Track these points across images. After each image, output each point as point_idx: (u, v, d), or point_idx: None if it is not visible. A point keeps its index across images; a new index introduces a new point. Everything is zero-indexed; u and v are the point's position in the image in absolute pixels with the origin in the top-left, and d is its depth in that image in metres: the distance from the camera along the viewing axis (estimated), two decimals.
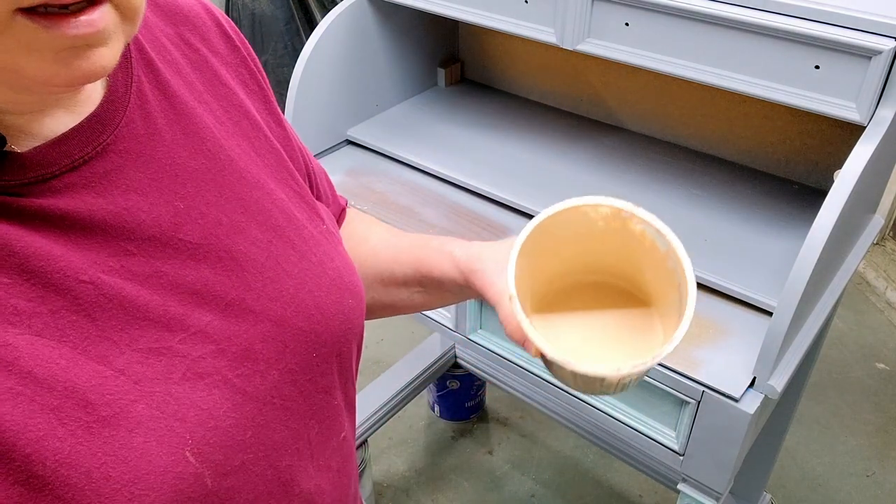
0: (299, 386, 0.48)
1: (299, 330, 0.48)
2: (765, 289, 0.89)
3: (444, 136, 1.24)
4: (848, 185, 0.74)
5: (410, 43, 1.32)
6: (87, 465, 0.37)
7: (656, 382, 0.83)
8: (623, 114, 1.26)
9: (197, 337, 0.43)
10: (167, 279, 0.43)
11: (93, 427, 0.38)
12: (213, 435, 0.42)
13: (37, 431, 0.36)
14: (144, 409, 0.39)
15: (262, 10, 2.28)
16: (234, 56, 0.52)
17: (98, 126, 0.41)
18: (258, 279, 0.46)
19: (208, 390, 0.43)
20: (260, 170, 0.50)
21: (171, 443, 0.40)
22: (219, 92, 0.50)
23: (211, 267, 0.45)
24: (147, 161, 0.43)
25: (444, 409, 1.94)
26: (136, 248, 0.42)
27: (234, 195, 0.47)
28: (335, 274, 0.51)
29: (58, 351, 0.38)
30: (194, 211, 0.45)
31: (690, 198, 1.08)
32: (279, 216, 0.49)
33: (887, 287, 2.28)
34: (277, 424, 0.47)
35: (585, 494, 1.76)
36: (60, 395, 0.37)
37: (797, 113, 1.06)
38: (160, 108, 0.45)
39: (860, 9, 0.75)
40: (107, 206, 0.41)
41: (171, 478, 0.39)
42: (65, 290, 0.38)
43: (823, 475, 1.78)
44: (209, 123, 0.47)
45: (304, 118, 1.16)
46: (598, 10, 0.91)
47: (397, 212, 1.08)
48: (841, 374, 2.04)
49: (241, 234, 0.47)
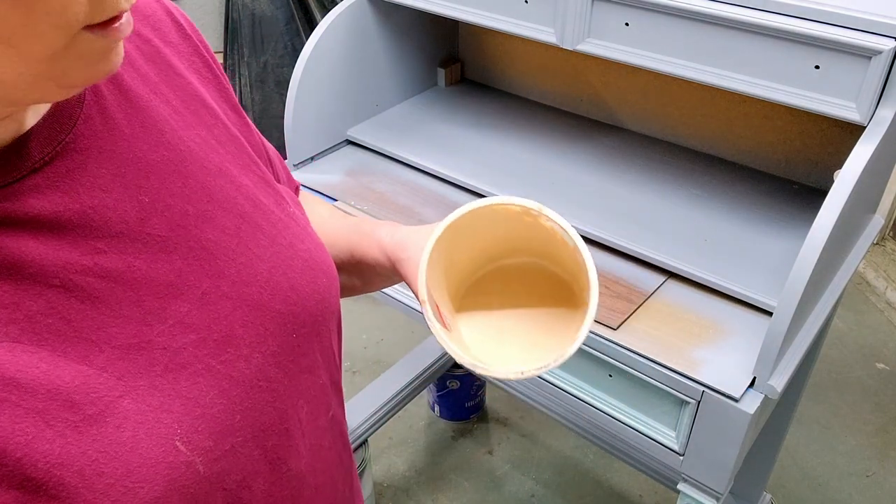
0: (283, 367, 0.49)
1: (277, 312, 0.48)
2: (765, 289, 0.89)
3: (444, 136, 1.24)
4: (848, 185, 0.74)
5: (410, 43, 1.32)
6: (78, 464, 0.38)
7: (656, 382, 0.83)
8: (623, 114, 1.26)
9: (176, 328, 0.43)
10: (140, 274, 0.43)
11: (80, 426, 0.38)
12: (201, 422, 0.43)
13: (24, 435, 0.36)
14: (130, 403, 0.40)
15: (262, 10, 2.27)
16: (186, 45, 0.52)
17: (56, 125, 0.41)
18: (231, 266, 0.47)
19: (192, 379, 0.43)
20: (222, 158, 0.50)
21: (159, 434, 0.41)
22: (174, 83, 0.49)
23: (182, 258, 0.45)
24: (108, 156, 0.43)
25: (444, 409, 1.94)
26: (106, 246, 0.42)
27: (199, 184, 0.47)
28: (307, 255, 0.52)
29: (37, 355, 0.38)
30: (160, 203, 0.45)
31: (690, 198, 1.08)
32: (245, 202, 0.50)
33: (887, 287, 2.28)
34: (264, 406, 0.47)
35: (585, 494, 1.76)
36: (44, 398, 0.37)
37: (797, 113, 1.06)
38: (116, 103, 0.45)
39: (860, 9, 0.75)
40: (73, 206, 0.41)
41: (164, 468, 0.40)
42: (37, 295, 0.39)
43: (823, 475, 1.78)
44: (167, 115, 0.47)
45: (304, 118, 1.16)
46: (598, 10, 0.91)
47: (397, 212, 1.08)
48: (841, 374, 2.04)
49: (208, 222, 0.47)
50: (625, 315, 0.88)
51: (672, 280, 0.95)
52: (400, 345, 2.14)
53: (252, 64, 2.31)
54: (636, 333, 0.86)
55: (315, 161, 1.21)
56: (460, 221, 0.51)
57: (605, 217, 1.03)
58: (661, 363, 0.82)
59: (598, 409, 0.92)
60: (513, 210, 0.51)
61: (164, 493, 0.40)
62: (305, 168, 1.19)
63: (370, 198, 1.11)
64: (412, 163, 1.17)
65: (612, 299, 0.91)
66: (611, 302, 0.90)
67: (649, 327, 0.87)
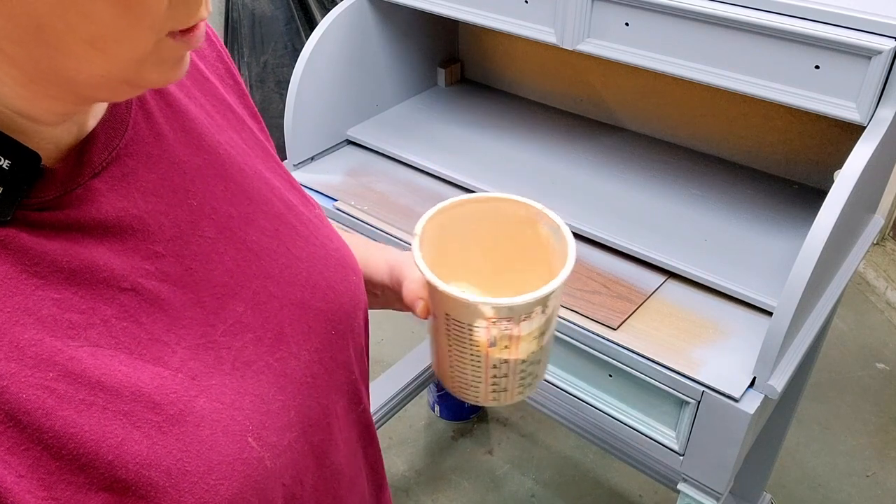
0: (324, 364, 0.50)
1: (318, 310, 0.50)
2: (765, 289, 0.89)
3: (444, 136, 1.24)
4: (848, 185, 0.74)
5: (410, 43, 1.32)
6: (166, 464, 0.39)
7: (656, 382, 0.83)
8: (623, 114, 1.26)
9: (235, 328, 0.45)
10: (197, 276, 0.44)
11: (164, 427, 0.39)
12: (267, 419, 0.44)
13: (114, 438, 0.37)
14: (205, 402, 0.41)
15: (262, 10, 2.27)
16: (210, 50, 0.53)
17: (111, 130, 0.42)
18: (274, 266, 0.48)
19: (256, 377, 0.45)
20: (253, 161, 0.51)
21: (234, 431, 0.42)
22: (204, 87, 0.50)
23: (232, 259, 0.46)
24: (156, 161, 0.44)
25: (444, 409, 1.94)
26: (164, 250, 0.43)
27: (238, 188, 0.48)
28: (337, 254, 0.53)
29: (117, 358, 0.39)
30: (206, 207, 0.46)
31: (690, 198, 1.08)
32: (279, 204, 0.51)
33: (887, 287, 2.28)
34: (311, 402, 0.49)
35: (585, 494, 1.76)
36: (129, 401, 0.38)
37: (797, 113, 1.06)
38: (158, 108, 0.46)
39: (860, 9, 0.75)
40: (131, 210, 0.42)
41: (240, 464, 0.42)
42: (110, 300, 0.40)
43: (823, 475, 1.78)
44: (202, 119, 0.48)
45: (304, 118, 1.16)
46: (598, 10, 0.91)
47: (397, 212, 1.08)
48: (841, 374, 2.04)
49: (251, 224, 0.48)
50: (625, 315, 0.88)
51: (672, 280, 0.95)
52: (400, 345, 2.14)
53: (252, 64, 2.31)
54: (636, 333, 0.86)
55: (315, 161, 1.21)
56: (453, 210, 0.52)
57: (605, 217, 1.03)
58: (661, 363, 0.82)
59: (598, 409, 0.92)
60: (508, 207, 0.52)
61: (240, 490, 0.41)
62: (305, 168, 1.19)
63: (370, 198, 1.11)
64: (412, 163, 1.17)
65: (612, 299, 0.91)
66: (611, 302, 0.90)
67: (649, 327, 0.87)
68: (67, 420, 0.36)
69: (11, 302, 0.36)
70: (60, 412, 0.36)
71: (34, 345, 0.36)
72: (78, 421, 0.36)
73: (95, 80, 0.35)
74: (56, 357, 0.37)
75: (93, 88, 0.35)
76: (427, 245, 0.53)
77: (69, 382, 0.37)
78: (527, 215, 0.53)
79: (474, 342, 0.50)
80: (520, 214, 0.53)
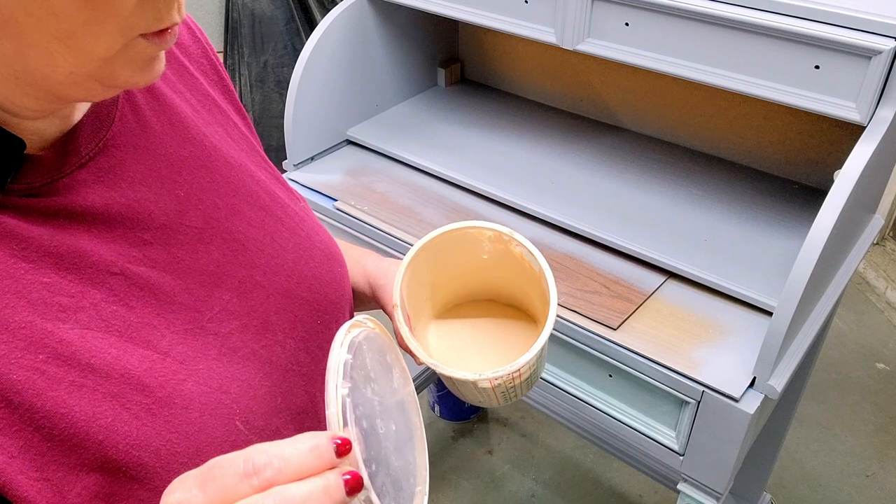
0: (311, 353, 0.51)
1: (304, 300, 0.51)
2: (765, 289, 0.89)
3: (444, 136, 1.24)
4: (848, 185, 0.74)
5: (410, 43, 1.32)
6: (155, 445, 0.39)
7: (656, 382, 0.83)
8: (623, 114, 1.26)
9: (222, 315, 0.46)
10: (185, 264, 0.45)
11: (153, 408, 0.40)
12: (255, 403, 0.45)
13: (105, 419, 0.38)
14: (193, 386, 0.42)
15: (262, 10, 2.27)
16: (196, 47, 0.53)
17: (97, 122, 0.43)
18: (261, 256, 0.49)
19: (242, 363, 0.45)
20: (238, 154, 0.52)
21: (222, 415, 0.43)
22: (189, 82, 0.51)
23: (218, 248, 0.47)
24: (143, 153, 0.45)
25: (444, 409, 1.94)
26: (152, 237, 0.43)
27: (224, 179, 0.49)
28: (323, 245, 0.54)
29: (107, 341, 0.39)
30: (193, 197, 0.47)
31: (690, 198, 1.08)
32: (264, 196, 0.52)
33: (887, 287, 2.28)
34: (298, 390, 0.50)
35: (585, 494, 1.76)
36: (119, 382, 0.39)
37: (797, 113, 1.06)
38: (145, 101, 0.46)
39: (860, 9, 0.75)
40: (119, 199, 0.42)
41: (228, 447, 0.42)
42: (100, 284, 0.40)
43: (823, 475, 1.78)
44: (188, 113, 0.49)
45: (304, 118, 1.16)
46: (598, 10, 0.91)
47: (397, 212, 1.08)
48: (841, 374, 2.04)
49: (237, 215, 0.49)
50: (625, 315, 0.88)
51: (672, 280, 0.95)
52: None
53: (252, 64, 2.31)
54: (636, 333, 0.86)
55: (315, 161, 1.21)
56: (435, 241, 0.54)
57: (605, 217, 1.03)
58: (661, 363, 0.82)
59: (598, 409, 0.92)
60: (486, 234, 0.55)
61: None
62: (305, 168, 1.19)
63: (370, 198, 1.11)
64: (412, 163, 1.17)
65: (612, 299, 0.91)
66: (611, 302, 0.90)
67: (649, 327, 0.87)
68: (58, 401, 0.37)
69: (1, 285, 0.36)
70: (51, 393, 0.36)
71: (24, 327, 0.37)
72: (69, 402, 0.37)
73: (67, 78, 0.35)
74: (46, 339, 0.37)
75: (66, 87, 0.36)
76: (411, 285, 0.55)
77: (59, 364, 0.37)
78: (497, 237, 0.55)
79: (480, 390, 0.53)
80: (490, 237, 0.56)
